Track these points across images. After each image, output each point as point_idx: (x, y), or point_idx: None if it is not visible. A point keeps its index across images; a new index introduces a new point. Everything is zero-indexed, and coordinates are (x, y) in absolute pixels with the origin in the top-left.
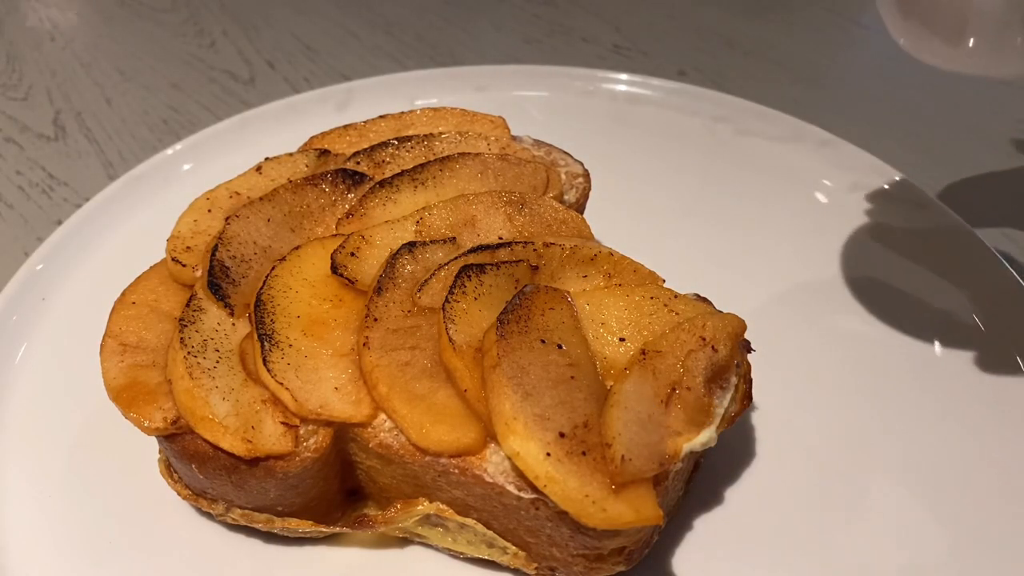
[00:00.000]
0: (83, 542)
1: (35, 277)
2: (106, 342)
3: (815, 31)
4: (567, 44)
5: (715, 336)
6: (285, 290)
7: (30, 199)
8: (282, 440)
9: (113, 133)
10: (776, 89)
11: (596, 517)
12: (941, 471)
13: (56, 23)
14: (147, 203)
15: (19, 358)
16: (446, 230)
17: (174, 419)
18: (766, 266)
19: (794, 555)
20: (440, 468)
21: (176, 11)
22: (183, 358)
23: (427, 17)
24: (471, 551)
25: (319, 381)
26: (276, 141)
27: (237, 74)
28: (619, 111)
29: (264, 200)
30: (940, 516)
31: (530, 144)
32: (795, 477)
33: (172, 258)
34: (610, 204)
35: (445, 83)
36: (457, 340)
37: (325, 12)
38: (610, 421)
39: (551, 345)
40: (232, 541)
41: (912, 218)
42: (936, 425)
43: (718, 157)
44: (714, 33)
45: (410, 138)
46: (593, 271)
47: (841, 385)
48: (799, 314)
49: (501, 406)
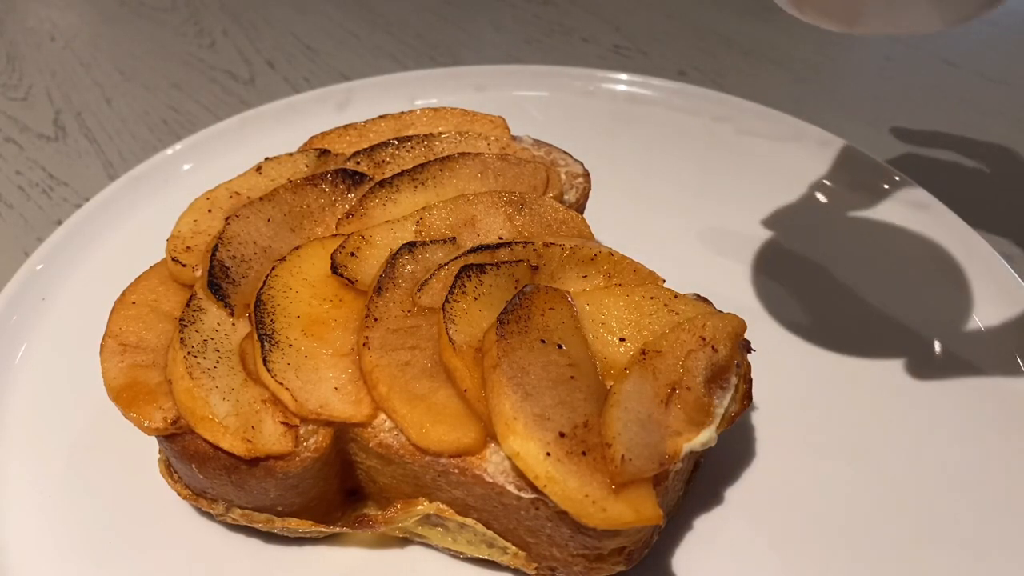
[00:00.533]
0: (83, 542)
1: (35, 277)
2: (106, 342)
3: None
4: (567, 44)
5: (715, 336)
6: (285, 290)
7: (30, 199)
8: (282, 440)
9: (113, 133)
10: (776, 89)
11: (596, 517)
12: (941, 471)
13: (56, 23)
14: (147, 203)
15: (19, 358)
16: (446, 230)
17: (174, 419)
18: (766, 266)
19: (794, 555)
20: (440, 468)
21: (176, 11)
22: (183, 358)
23: (427, 17)
24: (471, 551)
25: (319, 381)
26: (276, 141)
27: (237, 74)
28: (619, 111)
29: (264, 200)
30: (940, 516)
31: (530, 144)
32: (795, 477)
33: (172, 258)
34: (610, 204)
35: (445, 83)
36: (457, 340)
37: (325, 12)
38: (610, 421)
39: (551, 345)
40: (232, 541)
41: (912, 218)
42: (936, 425)
43: (718, 157)
44: (714, 33)
45: (410, 138)
46: (593, 271)
47: (841, 385)
48: (799, 314)
49: (501, 406)
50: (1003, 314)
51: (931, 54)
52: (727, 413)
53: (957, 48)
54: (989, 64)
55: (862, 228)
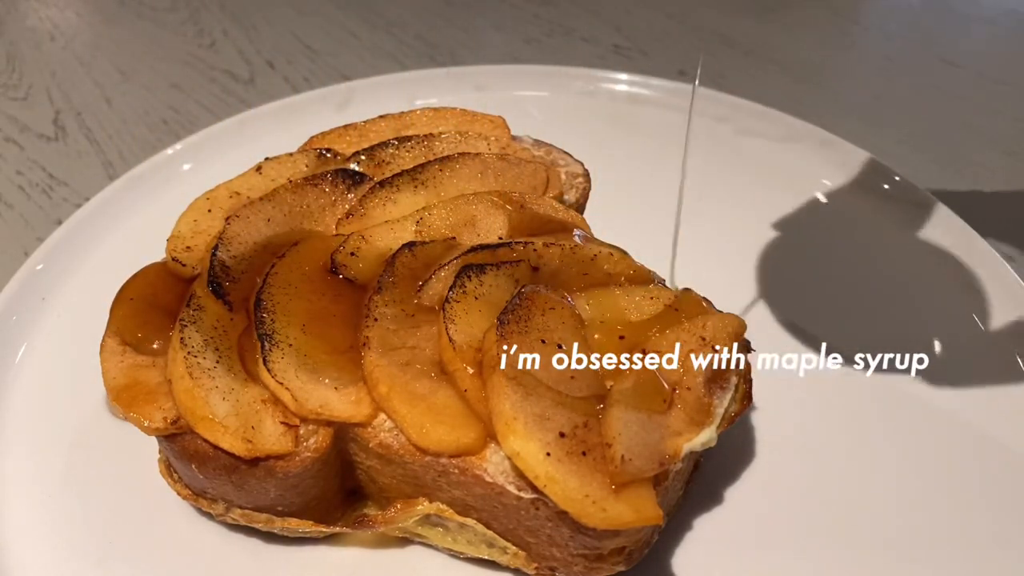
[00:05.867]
0: (83, 542)
1: (35, 277)
2: (106, 342)
3: (815, 31)
4: (567, 44)
5: (715, 336)
6: (285, 289)
7: (30, 199)
8: (282, 440)
9: (113, 133)
10: (776, 89)
11: (596, 517)
12: (941, 471)
13: (56, 23)
14: (147, 203)
15: (19, 358)
16: (446, 230)
17: (174, 419)
18: (766, 266)
19: (794, 555)
20: (440, 468)
21: (176, 11)
22: (183, 358)
23: (427, 17)
24: (471, 551)
25: (319, 381)
26: (276, 141)
27: (237, 74)
28: (619, 111)
29: (264, 200)
30: (940, 516)
31: (530, 144)
32: (795, 477)
33: (172, 258)
34: (610, 204)
35: (445, 83)
36: (457, 340)
37: (325, 12)
38: (610, 421)
39: (551, 345)
40: (232, 541)
41: (912, 218)
42: (936, 425)
43: (718, 157)
44: (714, 33)
45: (410, 138)
46: (593, 271)
47: (841, 385)
48: (799, 314)
49: (501, 406)
50: (1003, 314)
51: (931, 54)
52: (727, 413)
53: (957, 48)
54: (989, 64)
55: (862, 228)
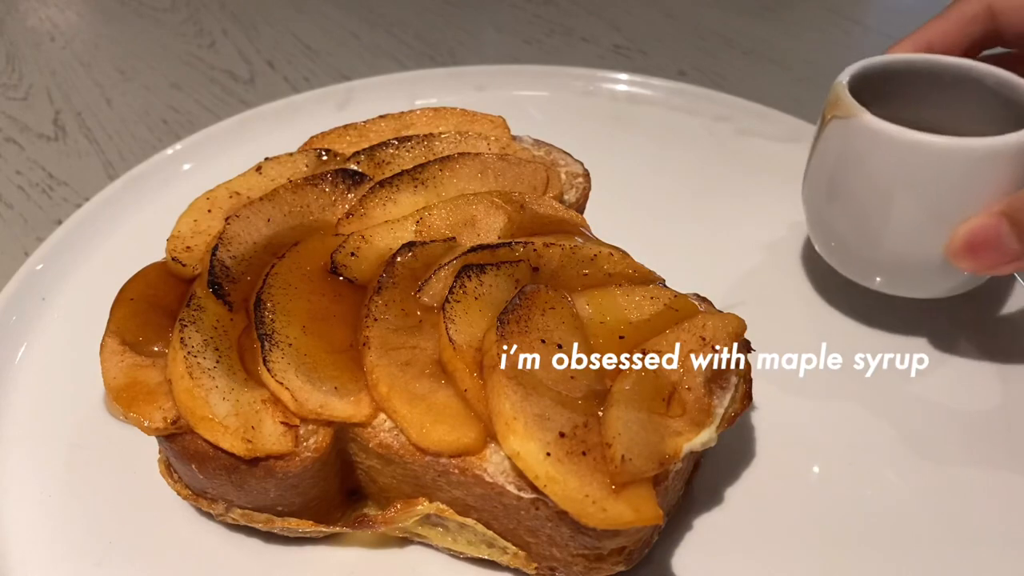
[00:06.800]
0: (83, 542)
1: (35, 277)
2: (106, 342)
3: (815, 31)
4: (567, 44)
5: (715, 336)
6: (285, 289)
7: (30, 199)
8: (282, 440)
9: (113, 133)
10: (776, 89)
11: (596, 517)
12: (941, 471)
13: (56, 23)
14: (147, 203)
15: (19, 358)
16: (446, 230)
17: (174, 419)
18: (766, 266)
19: (794, 555)
20: (440, 468)
21: (176, 11)
22: (183, 358)
23: (427, 17)
24: (471, 551)
25: (319, 381)
26: (276, 141)
27: (237, 74)
28: (619, 111)
29: (264, 200)
30: (941, 516)
31: (530, 144)
32: (795, 477)
33: (172, 258)
34: (610, 204)
35: (445, 83)
36: (457, 340)
37: (325, 12)
38: (610, 421)
39: (551, 345)
40: (232, 541)
41: None
42: (936, 425)
43: (718, 157)
44: (714, 33)
45: (410, 138)
46: (593, 271)
47: (841, 385)
48: (799, 314)
49: (501, 406)
50: (1004, 315)
51: None
52: (727, 413)
53: None
54: None
55: None
